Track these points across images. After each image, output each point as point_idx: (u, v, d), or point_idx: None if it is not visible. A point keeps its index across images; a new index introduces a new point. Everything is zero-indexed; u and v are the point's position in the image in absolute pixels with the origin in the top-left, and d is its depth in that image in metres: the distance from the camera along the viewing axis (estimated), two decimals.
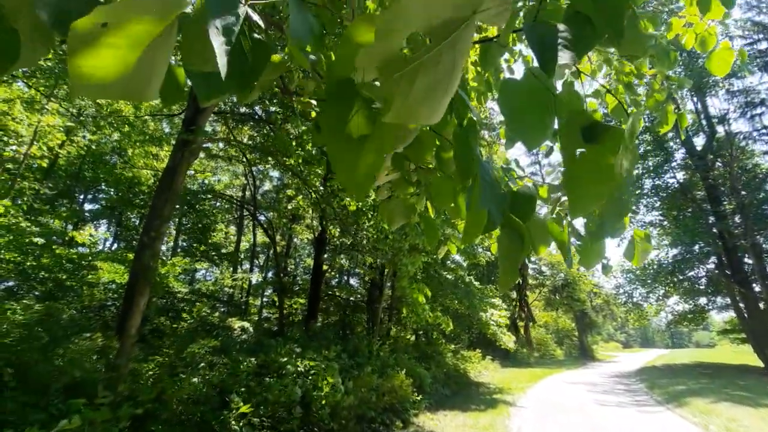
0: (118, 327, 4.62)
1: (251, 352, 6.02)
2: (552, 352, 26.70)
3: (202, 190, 15.38)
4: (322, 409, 4.90)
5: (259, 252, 19.98)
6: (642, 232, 1.64)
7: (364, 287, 16.67)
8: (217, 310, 13.32)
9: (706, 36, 2.51)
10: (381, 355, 7.95)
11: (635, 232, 1.64)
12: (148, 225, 5.01)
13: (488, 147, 11.21)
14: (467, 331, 18.56)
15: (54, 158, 11.93)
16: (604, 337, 46.18)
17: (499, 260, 0.92)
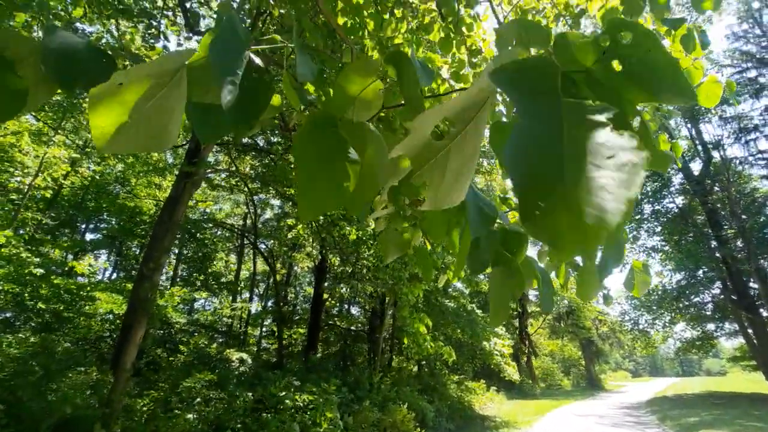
0: (113, 360, 4.53)
1: (249, 385, 5.87)
2: (559, 382, 25.93)
3: (204, 219, 15.45)
4: None
5: (259, 280, 19.82)
6: (640, 262, 1.65)
7: (365, 316, 16.43)
8: (215, 341, 13.08)
9: (692, 70, 2.59)
10: (382, 388, 7.73)
11: (634, 263, 1.64)
12: (147, 256, 5.01)
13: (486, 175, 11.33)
14: (471, 361, 18.11)
15: (58, 189, 12.06)
16: (612, 365, 44.96)
17: (491, 297, 0.92)
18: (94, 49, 0.61)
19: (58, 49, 0.57)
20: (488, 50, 3.44)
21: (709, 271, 17.40)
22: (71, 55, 0.57)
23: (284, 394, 5.22)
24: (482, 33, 3.43)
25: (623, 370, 58.07)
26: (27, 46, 0.60)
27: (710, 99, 2.69)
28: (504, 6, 3.30)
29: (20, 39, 0.60)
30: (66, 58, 0.57)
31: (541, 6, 3.21)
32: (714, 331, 18.82)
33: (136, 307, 4.61)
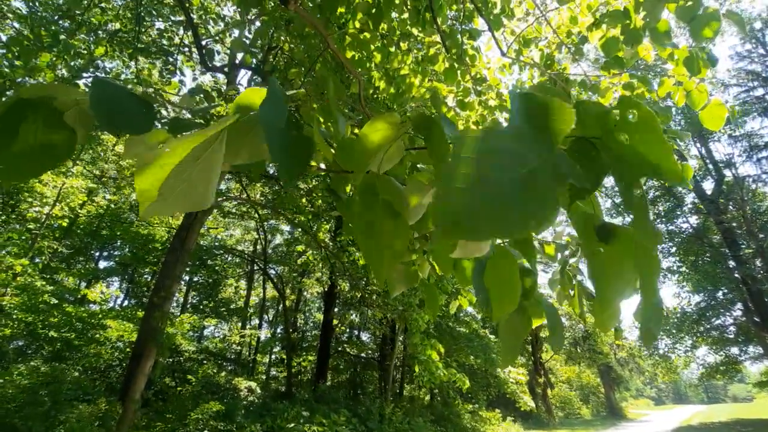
0: (122, 391, 4.50)
1: (258, 416, 5.74)
2: (578, 411, 24.88)
3: (215, 246, 15.59)
4: None
5: (269, 306, 19.72)
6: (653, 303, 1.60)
7: (375, 343, 16.15)
8: (224, 370, 12.92)
9: (697, 93, 2.61)
10: (393, 420, 7.48)
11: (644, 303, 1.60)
12: (159, 284, 5.04)
13: None
14: (485, 389, 17.55)
15: (74, 218, 12.34)
16: (633, 393, 43.13)
17: (501, 336, 0.91)
18: (136, 98, 0.65)
19: (106, 99, 0.60)
20: (492, 78, 3.52)
21: (728, 292, 16.87)
22: (117, 105, 0.61)
23: (293, 426, 5.09)
24: (486, 62, 3.51)
25: (645, 397, 55.59)
26: (71, 95, 0.64)
27: (715, 122, 2.70)
28: (507, 36, 3.39)
29: (64, 89, 0.64)
30: (113, 108, 0.60)
31: (543, 35, 3.29)
32: (738, 355, 18.03)
33: (146, 336, 4.61)
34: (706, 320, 17.82)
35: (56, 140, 0.60)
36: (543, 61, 3.18)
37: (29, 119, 0.58)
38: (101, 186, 12.75)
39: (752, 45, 17.84)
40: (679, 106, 2.70)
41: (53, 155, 0.60)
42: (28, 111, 0.58)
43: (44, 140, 0.59)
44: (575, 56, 3.01)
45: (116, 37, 5.18)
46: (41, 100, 0.59)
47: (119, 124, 0.58)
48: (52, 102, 0.59)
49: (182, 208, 0.59)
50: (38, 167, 0.60)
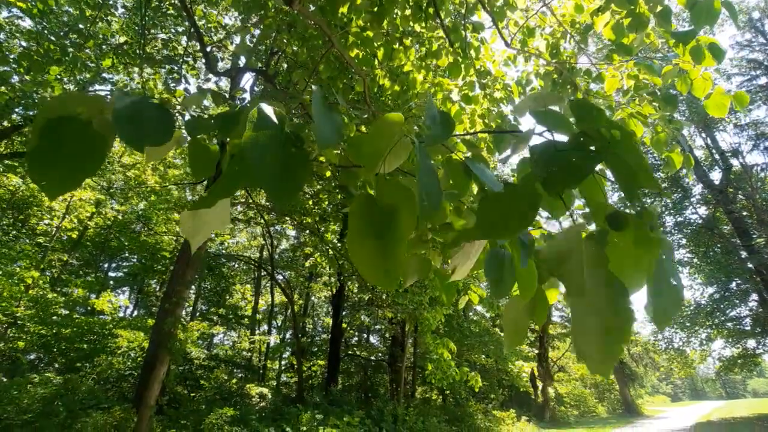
0: (135, 398, 4.51)
1: (271, 420, 5.73)
2: (593, 409, 24.57)
3: (222, 254, 15.66)
4: None
5: (277, 312, 19.76)
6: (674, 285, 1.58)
7: (384, 345, 16.11)
8: (235, 377, 12.94)
9: (701, 82, 2.58)
10: (407, 420, 7.43)
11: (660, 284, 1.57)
12: (169, 290, 5.06)
13: None
14: (498, 386, 17.42)
15: (83, 230, 12.46)
16: (649, 389, 42.55)
17: (504, 324, 0.94)
18: (156, 108, 0.67)
19: (129, 112, 0.61)
20: (497, 71, 3.51)
21: (742, 282, 16.62)
22: (139, 118, 0.62)
23: (307, 429, 5.07)
24: (491, 54, 3.50)
25: (661, 394, 54.83)
26: (95, 106, 0.65)
27: (719, 109, 2.67)
28: (510, 27, 3.38)
29: (88, 99, 0.66)
30: (135, 121, 0.62)
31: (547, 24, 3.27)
32: (756, 348, 17.72)
33: (158, 343, 4.62)
34: (721, 312, 17.56)
35: (89, 149, 0.63)
36: (549, 50, 3.16)
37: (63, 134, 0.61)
38: (109, 197, 12.87)
39: (752, 34, 17.70)
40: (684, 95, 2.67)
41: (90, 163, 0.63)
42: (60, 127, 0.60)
43: (79, 151, 0.62)
44: (580, 45, 2.98)
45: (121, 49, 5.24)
46: (71, 116, 0.61)
47: (141, 137, 0.60)
48: (79, 115, 0.62)
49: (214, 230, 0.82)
50: (78, 176, 0.63)
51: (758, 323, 16.65)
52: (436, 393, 13.45)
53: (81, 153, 0.61)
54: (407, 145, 0.79)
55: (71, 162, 0.60)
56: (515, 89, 3.35)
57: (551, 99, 0.85)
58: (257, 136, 0.61)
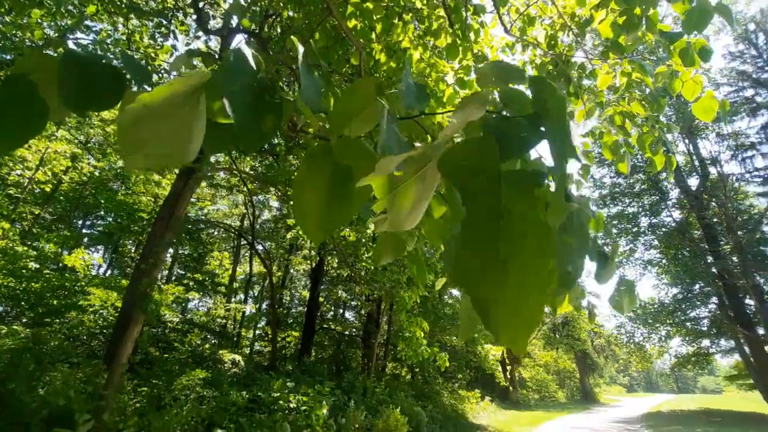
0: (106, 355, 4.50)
1: (243, 386, 5.82)
2: (553, 394, 25.80)
3: (201, 219, 15.43)
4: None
5: (255, 282, 19.74)
6: (628, 281, 1.66)
7: (360, 321, 16.38)
8: (208, 342, 12.99)
9: (691, 84, 2.64)
10: (376, 392, 7.67)
11: (621, 279, 1.65)
12: (146, 251, 4.99)
13: None
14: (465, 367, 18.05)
15: (57, 184, 12.04)
16: (607, 380, 44.79)
17: (461, 313, 0.92)
18: (107, 70, 0.65)
19: (74, 75, 0.59)
20: (494, 57, 3.49)
21: (705, 286, 17.45)
22: (84, 81, 0.60)
23: (278, 395, 5.19)
24: (490, 39, 3.47)
25: (618, 384, 57.84)
26: (51, 67, 0.63)
27: (707, 113, 2.75)
28: (511, 14, 3.35)
29: (45, 60, 0.64)
30: (80, 85, 0.59)
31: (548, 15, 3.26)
32: (709, 347, 18.81)
33: (132, 302, 4.59)
34: (682, 312, 18.47)
35: (30, 113, 0.60)
36: (547, 41, 3.16)
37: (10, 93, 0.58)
38: (86, 152, 12.41)
39: (745, 46, 17.98)
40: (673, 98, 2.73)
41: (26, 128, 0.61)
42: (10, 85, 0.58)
43: (19, 113, 0.59)
44: (578, 38, 2.99)
45: None
46: (21, 75, 0.59)
47: (85, 100, 0.59)
48: (30, 75, 0.59)
49: (164, 160, 0.61)
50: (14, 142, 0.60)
51: (714, 325, 17.61)
52: (405, 370, 13.86)
53: (21, 116, 0.59)
54: (376, 114, 0.77)
55: (11, 124, 0.58)
56: None
57: (514, 74, 0.82)
58: (229, 75, 0.60)
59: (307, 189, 0.71)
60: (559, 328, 26.32)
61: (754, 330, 15.19)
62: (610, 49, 2.50)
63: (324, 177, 0.71)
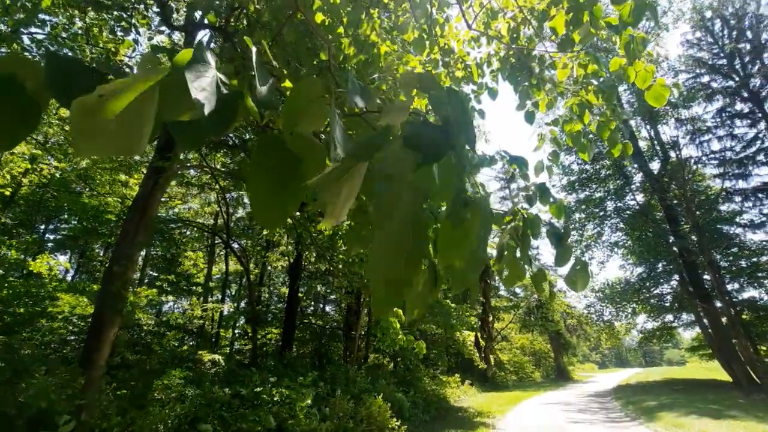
0: (82, 359, 4.41)
1: (225, 383, 5.81)
2: (530, 375, 26.78)
3: (172, 219, 15.03)
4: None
5: (231, 281, 19.46)
6: (584, 261, 1.81)
7: (340, 314, 16.46)
8: (186, 344, 12.77)
9: (643, 74, 2.83)
10: (358, 380, 7.81)
11: (576, 260, 1.80)
12: (117, 253, 4.88)
13: None
14: (445, 354, 18.49)
15: (16, 187, 11.46)
16: (580, 358, 46.74)
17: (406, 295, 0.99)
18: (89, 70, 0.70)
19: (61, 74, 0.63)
20: (460, 50, 3.60)
21: (667, 264, 18.44)
22: (70, 78, 0.64)
23: (261, 390, 5.22)
24: (455, 33, 3.58)
25: (591, 362, 60.44)
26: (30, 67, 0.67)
27: (658, 100, 2.96)
28: (475, 8, 3.46)
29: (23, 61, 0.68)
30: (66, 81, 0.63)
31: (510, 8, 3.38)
32: (672, 322, 19.94)
33: (106, 305, 4.50)
34: (647, 290, 19.48)
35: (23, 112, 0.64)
36: (509, 34, 3.29)
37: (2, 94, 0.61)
38: (46, 153, 11.84)
39: (702, 33, 18.85)
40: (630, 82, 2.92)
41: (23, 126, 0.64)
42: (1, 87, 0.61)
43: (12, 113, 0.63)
44: (537, 32, 3.14)
45: None
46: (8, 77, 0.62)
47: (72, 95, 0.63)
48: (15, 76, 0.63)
49: (113, 150, 0.64)
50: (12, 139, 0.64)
51: (677, 300, 18.67)
52: (388, 359, 14.09)
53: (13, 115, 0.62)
54: (324, 111, 0.83)
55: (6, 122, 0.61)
56: (474, 70, 3.47)
57: (433, 84, 0.90)
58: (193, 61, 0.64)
59: (259, 176, 0.76)
60: (534, 311, 27.25)
61: (712, 303, 16.21)
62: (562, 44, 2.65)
63: (274, 165, 0.77)
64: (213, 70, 0.69)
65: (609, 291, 20.09)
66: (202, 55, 0.69)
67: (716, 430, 7.71)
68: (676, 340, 30.44)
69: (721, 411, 9.63)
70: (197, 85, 0.63)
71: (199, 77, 0.65)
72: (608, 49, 8.28)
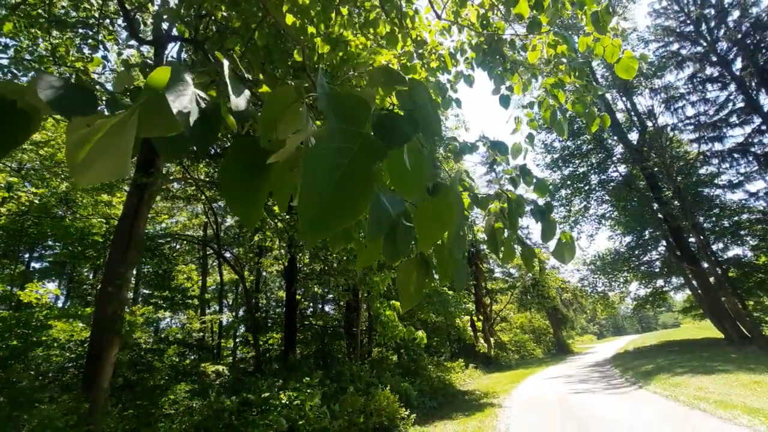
0: (84, 385, 4.37)
1: (232, 392, 5.82)
2: (532, 352, 27.27)
3: (161, 234, 14.84)
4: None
5: (227, 290, 19.34)
6: (568, 234, 1.88)
7: (339, 312, 16.51)
8: (188, 358, 12.68)
9: (611, 48, 2.90)
10: (362, 375, 7.89)
11: (562, 234, 1.87)
12: (109, 273, 4.83)
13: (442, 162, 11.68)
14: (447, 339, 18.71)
15: None
16: (578, 331, 47.71)
17: (399, 285, 1.01)
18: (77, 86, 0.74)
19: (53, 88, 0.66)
20: (433, 41, 3.63)
21: (654, 231, 18.88)
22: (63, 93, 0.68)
23: (268, 395, 5.25)
24: (427, 24, 3.60)
25: (589, 333, 61.75)
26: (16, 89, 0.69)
27: (628, 72, 3.04)
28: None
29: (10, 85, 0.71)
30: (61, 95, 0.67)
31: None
32: (663, 287, 20.47)
33: (103, 326, 4.46)
34: (636, 258, 19.94)
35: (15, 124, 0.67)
36: (479, 21, 3.32)
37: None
38: (21, 180, 11.54)
39: (668, 2, 19.13)
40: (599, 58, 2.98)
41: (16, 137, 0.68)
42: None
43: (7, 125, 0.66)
44: (505, 17, 3.18)
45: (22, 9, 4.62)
46: None
47: (69, 109, 0.67)
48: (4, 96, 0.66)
49: (105, 176, 0.70)
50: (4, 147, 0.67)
51: (665, 265, 19.16)
52: (391, 352, 14.22)
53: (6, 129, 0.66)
54: (299, 116, 0.85)
55: None
56: (448, 60, 3.51)
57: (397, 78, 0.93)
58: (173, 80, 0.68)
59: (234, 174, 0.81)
60: (530, 290, 27.68)
61: (699, 265, 16.68)
62: (530, 25, 2.70)
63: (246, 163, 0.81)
64: (191, 88, 0.72)
65: (600, 263, 20.51)
66: (179, 73, 0.72)
67: (711, 385, 7.99)
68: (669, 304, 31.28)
69: (715, 367, 9.98)
70: (178, 105, 0.66)
71: (179, 96, 0.68)
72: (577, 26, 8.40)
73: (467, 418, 8.13)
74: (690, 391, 7.83)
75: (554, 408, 8.18)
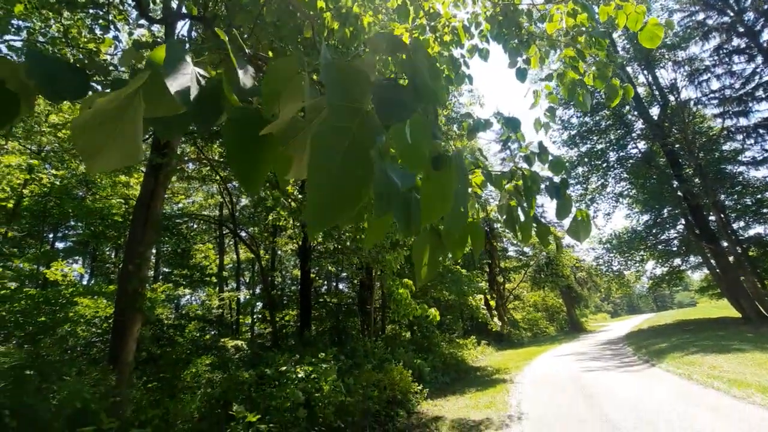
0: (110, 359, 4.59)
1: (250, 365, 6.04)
2: (544, 330, 27.40)
3: (178, 214, 15.15)
4: (326, 408, 5.00)
5: (244, 269, 19.76)
6: (585, 212, 1.83)
7: (353, 290, 16.76)
8: (208, 333, 13.13)
9: (635, 15, 2.76)
10: (376, 352, 8.07)
11: (578, 212, 1.83)
12: (129, 253, 4.97)
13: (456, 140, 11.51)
14: (460, 317, 18.89)
15: (18, 199, 11.53)
16: (592, 309, 47.60)
17: (414, 260, 1.02)
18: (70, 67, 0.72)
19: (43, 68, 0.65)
20: (446, 12, 3.51)
21: (672, 209, 18.43)
22: (54, 74, 0.66)
23: (285, 369, 5.43)
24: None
25: (603, 312, 61.57)
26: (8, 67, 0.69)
27: (652, 40, 2.89)
28: None
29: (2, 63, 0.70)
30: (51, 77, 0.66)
31: None
32: (681, 265, 20.13)
33: (126, 303, 4.63)
34: (654, 236, 19.57)
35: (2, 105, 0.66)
36: None
37: None
38: (42, 162, 11.82)
39: None
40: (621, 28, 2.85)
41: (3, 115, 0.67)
42: None
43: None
44: None
45: None
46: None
47: (58, 91, 0.66)
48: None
49: (117, 162, 0.69)
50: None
51: (683, 244, 18.78)
52: (405, 329, 14.45)
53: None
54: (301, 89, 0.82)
55: None
56: (461, 32, 3.40)
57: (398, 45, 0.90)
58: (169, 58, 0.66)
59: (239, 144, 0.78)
60: (543, 268, 27.55)
61: (719, 243, 16.30)
62: None
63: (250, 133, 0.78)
64: (190, 66, 0.70)
65: (616, 241, 20.19)
66: (176, 52, 0.70)
67: (725, 364, 7.93)
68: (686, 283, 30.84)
69: (730, 346, 9.87)
70: (176, 84, 0.65)
71: (176, 74, 0.66)
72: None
73: (479, 393, 8.29)
74: (704, 369, 7.79)
75: (566, 384, 8.26)
